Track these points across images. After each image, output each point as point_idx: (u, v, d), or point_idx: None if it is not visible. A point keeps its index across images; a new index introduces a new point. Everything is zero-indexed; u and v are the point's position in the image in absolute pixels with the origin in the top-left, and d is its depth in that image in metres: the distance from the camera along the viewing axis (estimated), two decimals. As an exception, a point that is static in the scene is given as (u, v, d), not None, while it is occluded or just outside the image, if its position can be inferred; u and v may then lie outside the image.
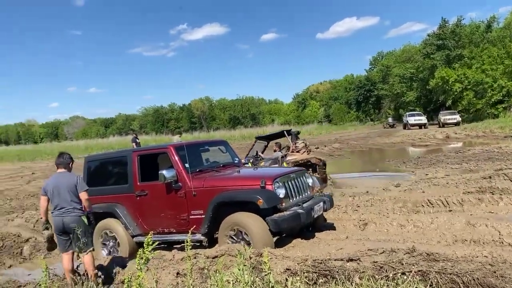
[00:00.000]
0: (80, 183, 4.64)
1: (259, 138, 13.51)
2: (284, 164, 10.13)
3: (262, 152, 11.81)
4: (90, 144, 44.30)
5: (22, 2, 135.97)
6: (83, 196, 4.61)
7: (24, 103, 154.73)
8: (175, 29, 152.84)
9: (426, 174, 10.08)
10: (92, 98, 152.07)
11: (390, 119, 51.40)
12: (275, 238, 5.06)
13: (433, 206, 6.64)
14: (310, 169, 9.97)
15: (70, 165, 4.81)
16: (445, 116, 35.61)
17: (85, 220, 4.59)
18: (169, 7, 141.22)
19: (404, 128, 37.57)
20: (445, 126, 34.24)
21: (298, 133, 12.64)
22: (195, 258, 4.36)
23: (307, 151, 11.42)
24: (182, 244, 5.68)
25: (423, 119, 36.76)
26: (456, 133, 25.29)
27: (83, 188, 4.64)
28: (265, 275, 3.17)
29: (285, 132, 11.94)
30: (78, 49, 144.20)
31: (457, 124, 34.14)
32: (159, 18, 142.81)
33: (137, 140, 17.75)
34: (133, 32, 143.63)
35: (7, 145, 76.98)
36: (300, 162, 10.22)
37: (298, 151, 11.31)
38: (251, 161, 10.72)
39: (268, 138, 12.68)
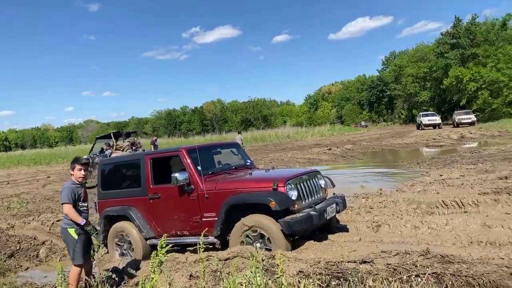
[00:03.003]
0: (61, 196, 4.42)
1: (98, 138, 16.60)
2: None
3: (112, 147, 14.37)
4: (104, 148, 44.83)
5: (37, 9, 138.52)
6: (63, 209, 4.37)
7: (40, 108, 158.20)
8: (188, 32, 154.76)
9: (441, 175, 9.93)
10: (106, 102, 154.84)
11: (363, 122, 59.96)
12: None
13: (448, 208, 6.54)
14: None
15: (70, 172, 4.58)
16: (459, 116, 35.16)
17: (72, 232, 4.36)
18: (181, 11, 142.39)
19: (418, 128, 37.19)
20: (460, 126, 33.79)
21: (129, 134, 15.08)
22: (208, 260, 4.37)
23: (134, 149, 13.92)
24: (195, 247, 5.71)
25: (437, 119, 36.31)
26: (471, 133, 24.91)
27: (61, 200, 4.40)
28: (278, 277, 3.16)
29: (111, 133, 14.96)
30: (93, 54, 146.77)
31: (472, 124, 33.66)
32: (172, 22, 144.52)
33: (156, 143, 18.12)
34: (146, 36, 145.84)
35: (23, 149, 78.52)
36: None
37: (122, 150, 14.01)
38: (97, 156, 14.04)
39: (106, 137, 15.50)
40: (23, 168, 30.25)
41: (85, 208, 4.54)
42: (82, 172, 4.47)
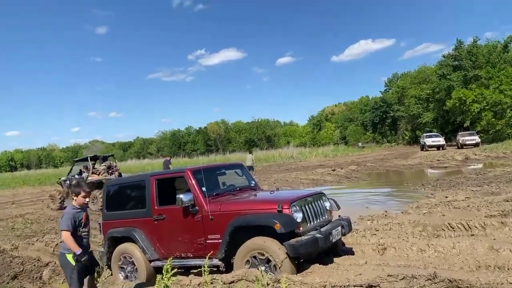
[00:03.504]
0: (60, 221, 4.34)
1: (76, 161, 17.98)
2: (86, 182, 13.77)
3: (88, 170, 16.03)
4: (108, 168, 44.79)
5: (45, 31, 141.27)
6: (61, 235, 4.29)
7: (46, 129, 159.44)
8: (193, 54, 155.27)
9: (446, 197, 9.87)
10: (112, 122, 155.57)
11: (359, 143, 63.20)
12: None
13: (454, 230, 6.48)
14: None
15: (72, 196, 4.49)
16: (463, 137, 35.07)
17: (70, 258, 4.26)
18: (187, 34, 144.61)
19: (422, 149, 37.10)
20: (464, 147, 33.67)
21: (106, 158, 16.31)
22: (212, 283, 4.34)
23: (110, 173, 15.12)
24: (199, 269, 5.67)
25: (441, 140, 36.24)
26: (475, 155, 24.81)
27: (60, 227, 4.32)
28: (283, 301, 3.13)
29: (88, 157, 16.47)
30: (99, 75, 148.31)
31: (476, 145, 33.54)
32: (178, 44, 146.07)
33: (169, 164, 18.30)
34: (153, 58, 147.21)
35: (28, 170, 78.71)
36: (95, 181, 14.24)
37: (98, 173, 15.21)
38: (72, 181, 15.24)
39: (84, 160, 16.78)
40: (28, 188, 30.29)
41: (85, 233, 4.47)
42: (87, 200, 4.45)
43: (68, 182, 16.15)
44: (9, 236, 10.23)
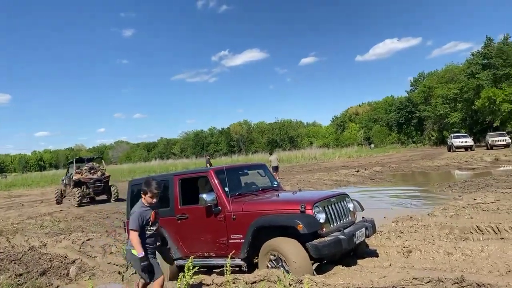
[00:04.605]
0: (130, 219, 4.26)
1: (69, 163, 20.04)
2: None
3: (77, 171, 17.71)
4: (134, 168, 45.77)
5: (74, 35, 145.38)
6: (129, 234, 4.25)
7: (75, 130, 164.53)
8: (217, 55, 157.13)
9: (474, 199, 9.57)
10: (137, 123, 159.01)
11: (372, 145, 66.88)
12: (315, 265, 4.95)
13: (482, 233, 6.28)
14: (85, 185, 17.00)
15: (141, 194, 4.39)
16: (493, 138, 33.99)
17: (135, 253, 4.17)
18: (211, 36, 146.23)
19: (449, 150, 36.18)
20: (494, 148, 32.65)
21: (91, 159, 19.22)
22: (234, 283, 4.35)
23: (92, 173, 17.38)
24: (222, 268, 5.69)
25: (469, 141, 35.21)
26: (506, 156, 24.00)
27: (129, 225, 4.24)
28: (306, 302, 3.10)
29: (73, 160, 18.74)
30: (125, 77, 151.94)
31: (506, 146, 32.45)
32: (202, 45, 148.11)
33: (209, 162, 20.18)
34: (177, 59, 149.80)
35: (56, 169, 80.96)
36: (76, 180, 16.95)
37: (80, 173, 17.40)
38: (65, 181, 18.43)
39: (75, 162, 18.76)
40: (56, 188, 31.16)
41: (153, 231, 4.34)
42: (155, 200, 4.30)
43: (64, 181, 18.52)
44: (38, 234, 10.55)
